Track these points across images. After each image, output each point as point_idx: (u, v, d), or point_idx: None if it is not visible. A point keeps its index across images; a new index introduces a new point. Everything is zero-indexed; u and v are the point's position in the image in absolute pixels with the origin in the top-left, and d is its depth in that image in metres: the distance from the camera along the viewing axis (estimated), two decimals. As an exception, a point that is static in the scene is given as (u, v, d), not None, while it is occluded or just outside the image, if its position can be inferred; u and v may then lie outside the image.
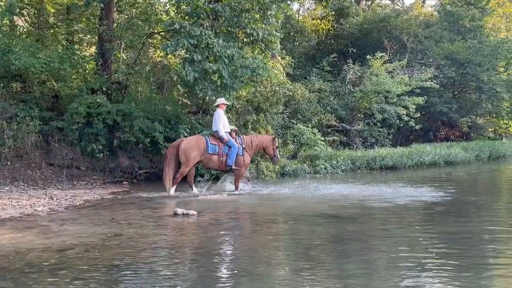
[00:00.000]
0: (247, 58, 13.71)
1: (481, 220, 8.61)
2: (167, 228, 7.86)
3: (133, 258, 5.96)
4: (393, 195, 11.11)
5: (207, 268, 5.65)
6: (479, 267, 5.57)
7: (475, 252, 6.23)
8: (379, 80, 21.26)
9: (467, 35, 29.73)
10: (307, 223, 8.33)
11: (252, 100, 16.55)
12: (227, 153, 11.82)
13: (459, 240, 6.93)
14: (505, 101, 29.94)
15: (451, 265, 5.64)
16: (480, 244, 6.69)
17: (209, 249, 6.52)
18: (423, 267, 5.53)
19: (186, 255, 6.29)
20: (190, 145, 11.62)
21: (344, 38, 28.20)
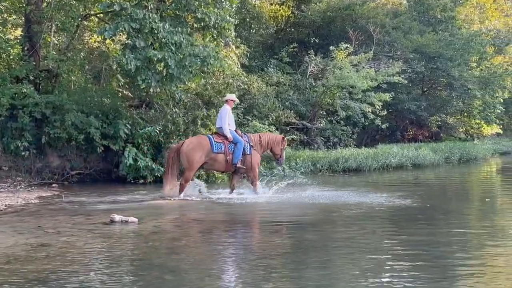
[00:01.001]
0: (196, 46, 13.64)
1: (448, 227, 8.86)
2: (103, 237, 7.71)
3: (62, 272, 5.81)
4: (356, 200, 11.29)
5: (147, 282, 5.58)
6: (446, 274, 5.73)
7: (441, 259, 6.40)
8: (343, 73, 21.55)
9: (438, 26, 30.58)
10: (262, 231, 8.38)
11: (202, 93, 16.49)
12: (233, 151, 11.78)
13: (425, 247, 7.11)
14: (477, 99, 31.00)
15: (416, 271, 5.77)
16: (447, 251, 6.87)
17: (150, 260, 6.44)
18: (386, 274, 5.64)
19: (124, 268, 6.19)
20: (192, 146, 11.62)
21: (306, 26, 28.45)
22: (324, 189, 12.85)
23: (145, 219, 9.00)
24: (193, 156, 11.50)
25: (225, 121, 11.85)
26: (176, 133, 14.93)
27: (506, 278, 5.77)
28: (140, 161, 13.88)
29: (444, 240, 7.73)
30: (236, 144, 11.81)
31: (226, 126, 11.82)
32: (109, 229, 8.25)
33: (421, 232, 8.30)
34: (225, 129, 11.83)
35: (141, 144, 14.34)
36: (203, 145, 11.64)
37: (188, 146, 11.62)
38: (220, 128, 11.99)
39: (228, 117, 11.94)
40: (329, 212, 10.22)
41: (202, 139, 11.95)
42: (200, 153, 11.55)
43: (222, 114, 12.03)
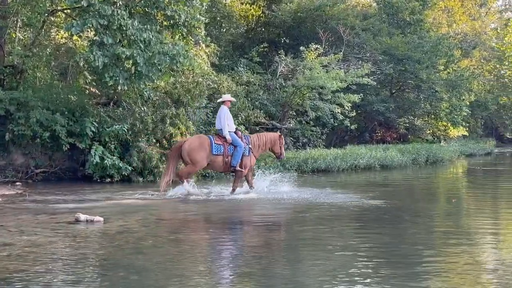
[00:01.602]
0: (166, 43, 13.55)
1: (415, 227, 8.99)
2: (67, 237, 7.60)
3: (25, 272, 5.71)
4: (324, 201, 11.36)
5: (113, 282, 5.51)
6: (411, 272, 5.81)
7: (407, 257, 6.48)
8: (313, 74, 21.66)
9: (407, 29, 31.03)
10: (230, 231, 8.36)
11: (172, 92, 16.37)
12: (232, 154, 11.90)
13: (391, 246, 7.19)
14: (444, 102, 31.53)
15: (382, 269, 5.84)
16: (413, 250, 6.97)
17: (115, 260, 6.37)
18: (354, 272, 5.69)
19: (89, 268, 6.10)
20: (194, 145, 11.77)
21: (276, 26, 28.53)
22: (294, 189, 12.88)
23: (111, 219, 8.90)
24: (196, 156, 11.69)
25: (224, 123, 11.97)
26: (144, 132, 14.81)
27: (469, 275, 5.88)
28: (107, 160, 13.73)
29: (410, 239, 7.86)
30: (236, 147, 11.95)
31: (226, 127, 11.95)
32: (74, 229, 8.13)
33: (388, 232, 8.40)
34: (225, 129, 11.95)
35: (108, 142, 14.20)
36: (205, 145, 11.80)
37: (191, 145, 11.77)
38: (220, 129, 12.10)
39: (227, 118, 12.04)
40: (297, 212, 10.28)
41: (203, 139, 12.06)
42: (203, 153, 11.74)
43: (221, 115, 12.12)
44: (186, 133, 15.58)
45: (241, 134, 12.46)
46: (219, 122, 12.18)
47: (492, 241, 8.05)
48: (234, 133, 12.19)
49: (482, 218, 10.16)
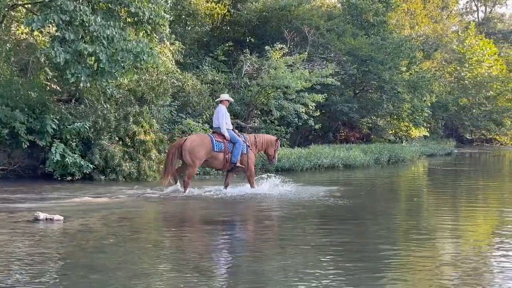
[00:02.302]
0: (130, 41, 13.37)
1: (377, 225, 9.12)
2: (26, 236, 7.44)
3: (-19, 272, 5.57)
4: (288, 199, 11.42)
5: (72, 282, 5.43)
6: (373, 269, 5.89)
7: (369, 258, 6.57)
8: (277, 73, 21.73)
9: (370, 30, 31.41)
10: (193, 230, 8.33)
11: (135, 89, 16.20)
12: (231, 151, 12.16)
13: (353, 243, 7.28)
14: (406, 103, 32.03)
15: (345, 267, 5.90)
16: (375, 247, 7.07)
17: (75, 260, 6.28)
18: (317, 270, 5.74)
19: (48, 268, 5.99)
20: (195, 144, 11.91)
21: (241, 25, 28.53)
22: (258, 188, 12.91)
23: (72, 217, 8.76)
24: (196, 154, 11.81)
25: (222, 121, 12.22)
26: (107, 130, 14.61)
27: (428, 269, 5.99)
28: (68, 158, 13.48)
29: (372, 237, 7.97)
30: (235, 144, 12.20)
31: (224, 126, 12.20)
32: (33, 228, 7.96)
33: (350, 230, 8.50)
34: (223, 127, 12.19)
35: (69, 140, 13.95)
36: (205, 143, 11.96)
37: (192, 143, 11.90)
38: (217, 128, 12.33)
39: (225, 116, 12.31)
40: (261, 211, 10.31)
41: (204, 137, 12.30)
42: (203, 151, 11.88)
43: (219, 114, 12.33)
44: (150, 131, 15.44)
45: (238, 133, 12.76)
46: (217, 120, 12.39)
47: (451, 237, 8.24)
48: (232, 131, 12.49)
49: (442, 216, 10.40)
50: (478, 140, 52.37)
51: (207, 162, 12.31)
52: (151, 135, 15.44)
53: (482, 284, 5.69)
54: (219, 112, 12.41)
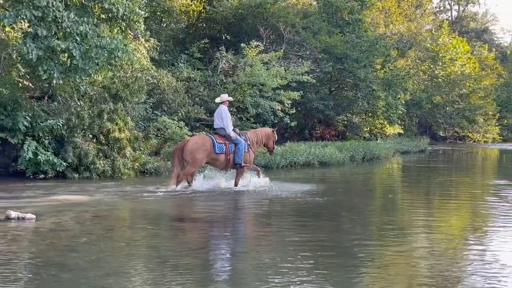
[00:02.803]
0: (104, 37, 13.22)
1: (352, 221, 9.18)
2: (-3, 235, 7.32)
3: (-51, 272, 5.46)
4: (264, 197, 11.43)
5: (44, 281, 5.36)
6: (348, 265, 5.92)
7: (344, 254, 6.61)
8: (253, 71, 21.73)
9: (346, 28, 31.58)
10: (167, 228, 8.28)
11: (109, 86, 16.03)
12: (233, 151, 12.32)
13: (329, 240, 7.31)
14: (381, 100, 32.29)
15: (321, 263, 5.93)
16: (350, 243, 7.11)
17: (47, 258, 6.19)
18: (293, 266, 5.75)
19: (19, 267, 5.90)
20: (196, 146, 12.11)
21: (217, 22, 28.43)
22: (232, 186, 12.90)
23: (44, 216, 8.64)
24: (196, 156, 11.99)
25: (227, 122, 12.39)
26: (81, 127, 14.42)
27: (402, 263, 6.05)
28: (41, 155, 13.27)
29: (347, 233, 8.03)
30: (237, 145, 12.37)
31: (229, 126, 12.40)
32: (5, 226, 7.83)
33: (326, 226, 8.54)
34: (228, 128, 12.35)
35: (42, 137, 13.73)
36: (206, 146, 12.13)
37: (193, 146, 12.07)
38: (220, 128, 12.46)
39: (228, 116, 12.51)
40: (237, 208, 10.31)
41: (205, 140, 12.42)
42: (203, 154, 12.05)
43: (223, 115, 12.48)
44: (124, 129, 15.31)
45: (238, 132, 12.88)
46: (220, 121, 12.50)
47: (425, 232, 8.34)
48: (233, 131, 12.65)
49: (416, 211, 10.55)
50: (451, 137, 53.12)
51: (209, 163, 12.57)
52: (126, 132, 15.31)
53: (456, 277, 5.76)
54: (222, 113, 12.53)
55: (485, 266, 6.22)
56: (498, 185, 15.84)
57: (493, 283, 5.56)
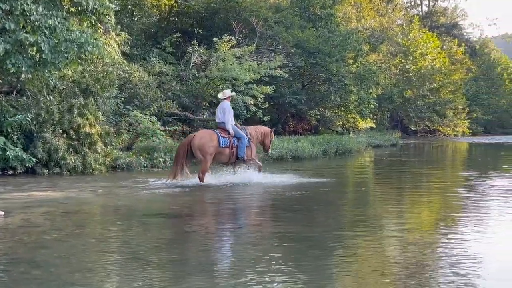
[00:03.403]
0: (73, 31, 13.04)
1: (325, 215, 9.24)
2: (-36, 233, 7.17)
3: None
4: (237, 192, 11.43)
5: (12, 278, 5.26)
6: (322, 257, 5.96)
7: (318, 247, 6.65)
8: (226, 65, 21.71)
9: (318, 23, 31.74)
10: (139, 224, 8.20)
11: (80, 81, 15.84)
12: (236, 145, 12.61)
13: (302, 235, 7.35)
14: (353, 94, 32.56)
15: (294, 258, 5.96)
16: (324, 239, 7.16)
17: (16, 255, 6.09)
18: (265, 262, 5.76)
19: (-14, 264, 5.79)
20: (204, 140, 12.29)
21: (189, 16, 28.31)
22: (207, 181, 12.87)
23: (13, 212, 8.49)
24: (206, 150, 12.20)
25: (228, 117, 12.63)
26: (50, 122, 14.22)
27: (377, 254, 6.12)
28: (9, 151, 13.03)
29: (320, 226, 8.07)
30: (240, 139, 12.68)
31: (229, 122, 12.64)
32: (-29, 224, 7.68)
33: (299, 219, 8.58)
34: (228, 123, 12.62)
35: (10, 133, 13.51)
36: (213, 139, 12.37)
37: (200, 140, 12.26)
38: (222, 123, 12.72)
39: (231, 112, 12.78)
40: (211, 203, 10.29)
41: (211, 133, 12.65)
42: (212, 147, 12.29)
43: (226, 110, 12.70)
44: (95, 124, 15.14)
45: (240, 127, 13.19)
46: (222, 116, 12.74)
47: (396, 223, 8.44)
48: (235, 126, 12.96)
49: (388, 203, 10.66)
50: (422, 131, 53.84)
51: (214, 157, 12.63)
52: (97, 127, 15.14)
53: (428, 267, 5.84)
54: (225, 108, 12.74)
55: (456, 255, 6.30)
56: (468, 177, 16.11)
57: (466, 270, 5.66)
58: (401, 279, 5.47)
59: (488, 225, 8.53)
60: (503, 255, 6.51)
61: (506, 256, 6.47)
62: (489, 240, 7.25)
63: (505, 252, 6.65)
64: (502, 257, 6.41)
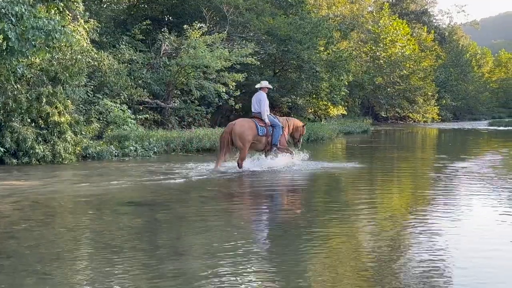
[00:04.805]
0: (40, 18, 12.79)
1: (296, 202, 9.32)
2: None
3: None
4: (206, 179, 11.43)
5: (-19, 269, 5.20)
6: (293, 249, 6.02)
7: (289, 234, 6.71)
8: (197, 53, 21.58)
9: (289, 10, 31.72)
10: (110, 213, 8.16)
11: (48, 69, 15.56)
12: (271, 134, 13.22)
13: (272, 222, 7.41)
14: (324, 82, 32.71)
15: (264, 247, 6.01)
16: (295, 226, 7.23)
17: (-15, 246, 6.01)
18: (235, 251, 5.80)
19: (-46, 256, 5.70)
20: (244, 128, 12.89)
21: (159, 3, 28.01)
22: (177, 168, 12.83)
23: (-19, 203, 8.37)
24: (245, 137, 12.79)
25: (264, 108, 13.24)
26: (18, 111, 13.98)
27: (349, 242, 6.21)
28: (-23, 141, 12.83)
29: (291, 213, 8.13)
30: (275, 127, 13.31)
31: (265, 112, 13.26)
32: None
33: (269, 207, 8.64)
34: (264, 113, 13.23)
35: (-24, 122, 13.26)
36: (252, 127, 13.00)
37: (241, 128, 12.89)
38: (258, 113, 13.32)
39: (266, 102, 13.36)
40: (178, 191, 10.26)
41: (250, 122, 13.22)
42: (251, 135, 12.89)
43: (262, 100, 13.36)
44: (65, 112, 14.93)
45: (274, 116, 13.85)
46: (258, 106, 13.38)
47: (368, 209, 8.55)
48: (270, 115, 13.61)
49: (360, 189, 10.80)
50: (393, 118, 54.51)
51: (252, 144, 13.16)
52: (66, 116, 14.95)
53: (397, 255, 5.94)
54: (260, 99, 13.37)
55: (430, 240, 6.44)
56: (438, 161, 16.40)
57: (438, 254, 5.79)
58: (380, 257, 5.57)
59: (457, 203, 8.95)
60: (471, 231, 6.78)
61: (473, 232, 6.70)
62: (458, 217, 7.58)
63: (473, 228, 7.00)
64: (470, 233, 6.73)
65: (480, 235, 6.78)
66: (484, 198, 9.63)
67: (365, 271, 5.32)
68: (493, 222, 7.53)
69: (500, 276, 5.28)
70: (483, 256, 5.85)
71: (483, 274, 5.29)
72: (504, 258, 5.84)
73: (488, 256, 5.87)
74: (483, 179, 12.01)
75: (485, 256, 5.87)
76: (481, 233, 6.89)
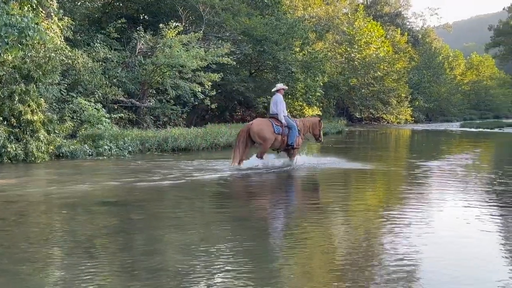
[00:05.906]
0: (13, 15, 12.59)
1: (273, 202, 9.32)
2: None
3: None
4: (187, 179, 11.37)
5: (-50, 270, 5.07)
6: (270, 243, 6.02)
7: (265, 234, 6.70)
8: (173, 52, 21.47)
9: (265, 10, 31.79)
10: (84, 212, 8.04)
11: (21, 66, 15.30)
12: (287, 134, 13.72)
13: (249, 222, 7.39)
14: (300, 82, 32.85)
15: (242, 245, 5.98)
16: (271, 226, 7.22)
17: (-45, 247, 5.87)
18: (213, 249, 5.76)
19: None
20: (262, 126, 13.42)
21: (135, 2, 27.81)
22: (151, 167, 12.73)
23: (-49, 203, 8.17)
24: (265, 134, 13.31)
25: (280, 109, 13.67)
26: (-10, 110, 13.73)
27: (321, 241, 6.23)
28: None
29: (268, 212, 8.12)
30: (291, 128, 13.78)
31: (281, 113, 13.67)
32: None
33: (247, 207, 8.62)
34: (280, 114, 13.63)
35: None
36: (268, 125, 13.50)
37: (258, 126, 13.41)
38: (275, 114, 13.74)
39: (283, 104, 13.80)
40: (155, 190, 10.18)
41: (267, 121, 13.72)
42: (270, 132, 13.39)
43: (278, 101, 13.77)
44: (38, 111, 14.70)
45: (290, 118, 14.23)
46: (275, 108, 13.81)
47: (342, 209, 8.59)
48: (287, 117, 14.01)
49: (335, 189, 10.84)
50: (367, 119, 54.95)
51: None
52: (39, 114, 14.71)
53: (371, 255, 5.98)
54: (277, 101, 13.77)
55: (404, 237, 6.50)
56: (411, 161, 16.58)
57: (413, 247, 5.84)
58: (354, 253, 5.59)
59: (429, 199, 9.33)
60: (445, 224, 6.85)
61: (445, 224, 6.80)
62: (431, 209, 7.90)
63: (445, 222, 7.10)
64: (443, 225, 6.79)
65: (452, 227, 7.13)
66: (456, 194, 9.97)
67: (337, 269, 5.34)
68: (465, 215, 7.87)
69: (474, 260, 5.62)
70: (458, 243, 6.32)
71: (457, 261, 5.61)
72: (475, 245, 6.32)
73: (462, 243, 6.33)
74: (455, 177, 12.27)
75: (459, 243, 6.33)
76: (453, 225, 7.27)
